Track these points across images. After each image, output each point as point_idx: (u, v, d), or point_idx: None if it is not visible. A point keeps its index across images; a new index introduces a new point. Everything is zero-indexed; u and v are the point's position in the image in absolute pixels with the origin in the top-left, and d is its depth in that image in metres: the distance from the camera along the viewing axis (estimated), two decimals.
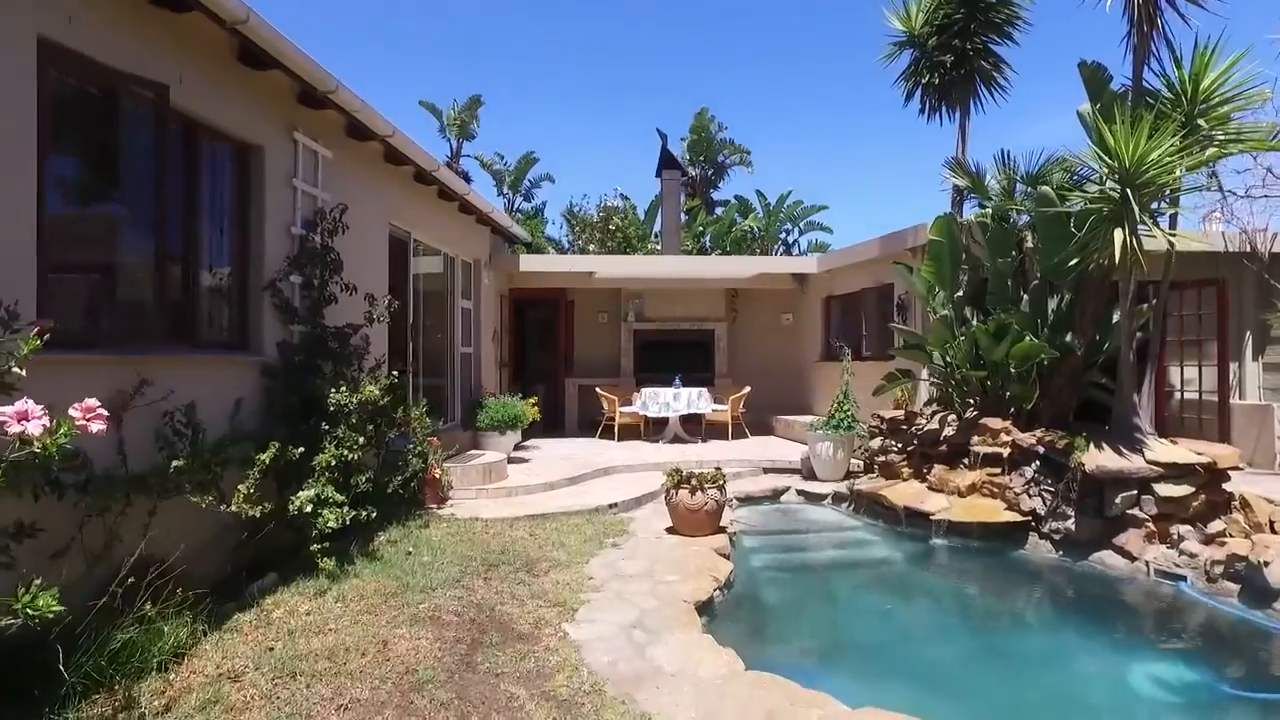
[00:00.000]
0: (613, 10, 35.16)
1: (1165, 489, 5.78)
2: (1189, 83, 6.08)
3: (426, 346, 8.88)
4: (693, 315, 13.86)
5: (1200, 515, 5.77)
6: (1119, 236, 5.62)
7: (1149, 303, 7.08)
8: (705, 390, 11.50)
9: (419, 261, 8.71)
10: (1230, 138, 6.03)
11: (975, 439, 7.26)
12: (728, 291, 13.92)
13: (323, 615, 4.06)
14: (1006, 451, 6.93)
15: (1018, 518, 6.48)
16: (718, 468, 6.57)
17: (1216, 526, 5.63)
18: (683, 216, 17.68)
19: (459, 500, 7.10)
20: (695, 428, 11.70)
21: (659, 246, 17.97)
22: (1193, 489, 5.77)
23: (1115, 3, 6.50)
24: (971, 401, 8.00)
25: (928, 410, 8.41)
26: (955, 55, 9.00)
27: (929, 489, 7.42)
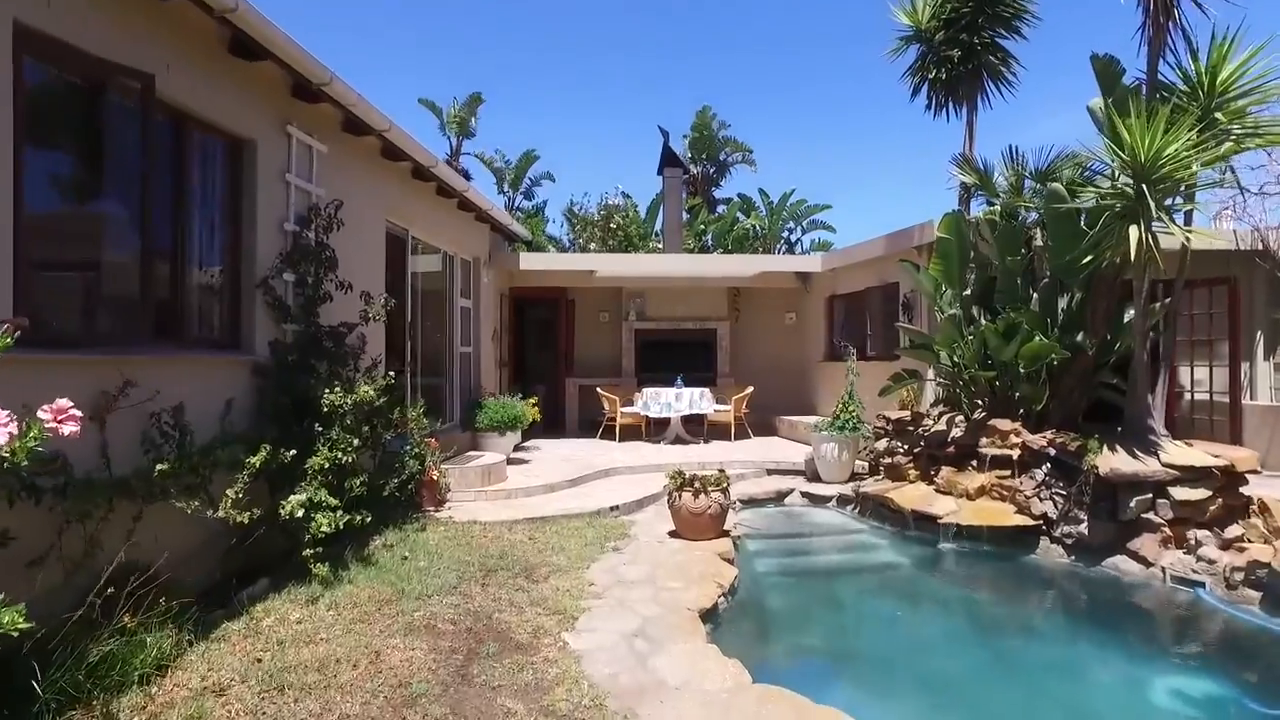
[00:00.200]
0: (613, 7, 34.99)
1: (1181, 492, 5.63)
2: (1205, 75, 5.92)
3: (425, 346, 8.74)
4: (695, 314, 13.70)
5: (1217, 519, 5.61)
6: (1134, 233, 5.47)
7: (1161, 301, 6.92)
8: (707, 390, 11.35)
9: (417, 260, 8.57)
10: (1248, 132, 5.87)
11: (984, 440, 7.12)
12: (730, 290, 13.79)
13: (314, 624, 3.93)
14: (1016, 454, 6.79)
15: (1029, 521, 6.33)
16: (721, 470, 6.43)
17: (1234, 531, 5.47)
18: (684, 215, 17.52)
19: (457, 503, 6.97)
20: (697, 428, 11.55)
21: (660, 245, 17.84)
22: (1210, 493, 5.62)
23: None
24: (980, 402, 7.85)
25: (934, 411, 8.27)
26: (963, 50, 8.87)
27: (936, 491, 7.28)
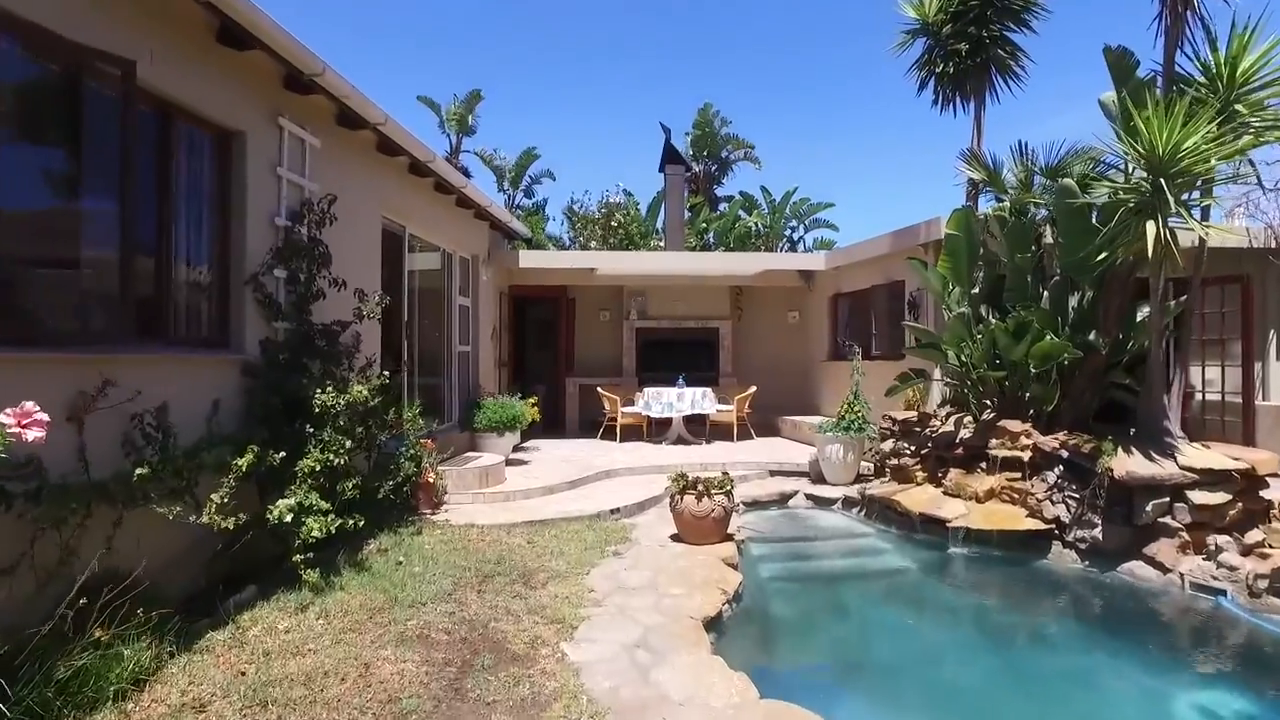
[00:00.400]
0: (613, 4, 34.81)
1: (1200, 496, 5.46)
2: (1225, 66, 5.74)
3: (422, 345, 8.59)
4: (696, 313, 13.54)
5: (1237, 524, 5.44)
6: (1151, 229, 5.31)
7: (1175, 299, 6.75)
8: (709, 390, 11.19)
9: (414, 257, 8.41)
10: (1268, 125, 5.69)
11: (993, 442, 6.95)
12: (732, 289, 13.64)
13: (302, 634, 3.77)
14: (1027, 455, 6.63)
15: (1041, 525, 6.16)
16: (725, 472, 6.28)
17: (1255, 536, 5.31)
18: (686, 213, 17.34)
19: (454, 505, 6.81)
20: (699, 429, 11.39)
21: (662, 243, 17.67)
22: (1229, 496, 5.45)
23: None
24: (988, 403, 7.69)
25: (942, 412, 8.10)
26: (971, 43, 8.69)
27: (945, 494, 7.11)
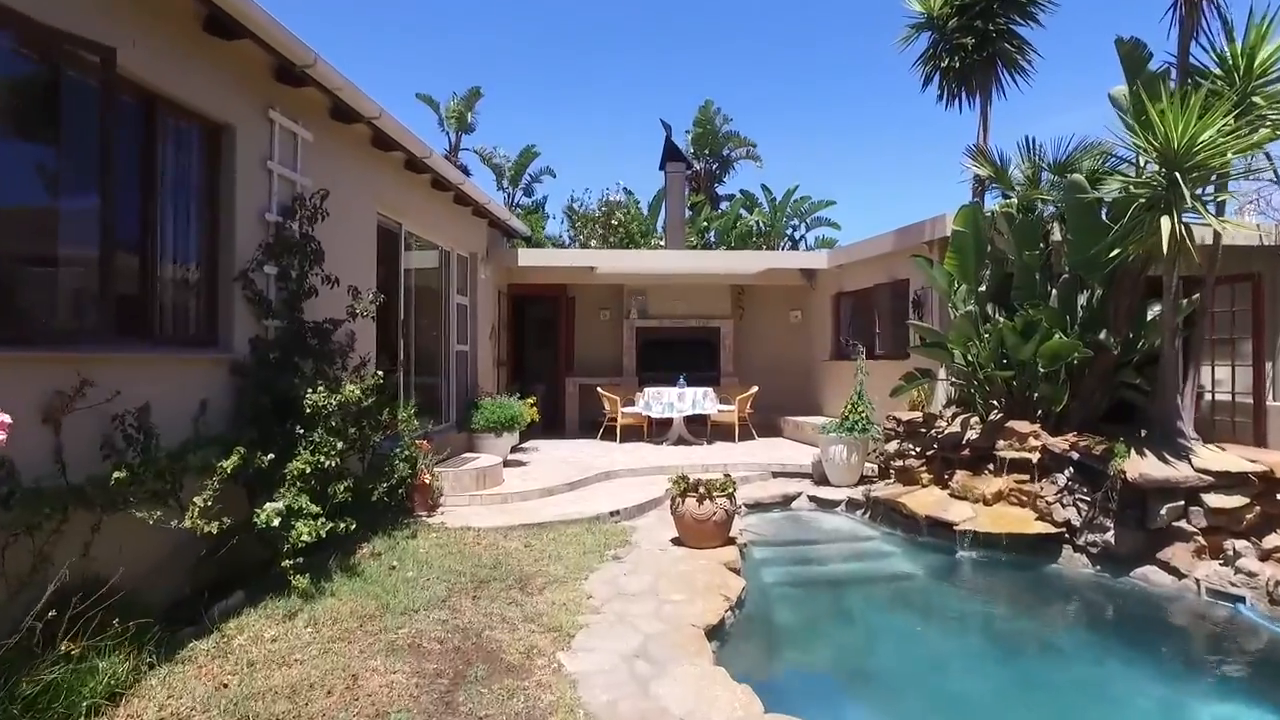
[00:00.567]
0: (614, 2, 34.62)
1: (1216, 499, 5.31)
2: (1242, 57, 5.59)
3: (419, 344, 8.45)
4: (698, 312, 13.39)
5: (1255, 528, 5.29)
6: (1166, 225, 5.16)
7: (1189, 298, 6.60)
8: (710, 390, 11.04)
9: (411, 255, 8.28)
10: None
11: (1001, 443, 6.81)
12: (734, 288, 13.49)
13: (289, 642, 3.63)
14: (1036, 457, 6.48)
15: (1050, 529, 6.01)
16: (727, 475, 6.14)
17: (1273, 541, 5.16)
18: (687, 211, 17.19)
19: (451, 507, 6.67)
20: (700, 429, 11.24)
21: (663, 242, 17.52)
22: (1247, 500, 5.30)
23: None
24: (995, 403, 7.54)
25: (947, 412, 7.95)
26: (977, 37, 8.55)
27: (951, 496, 6.97)
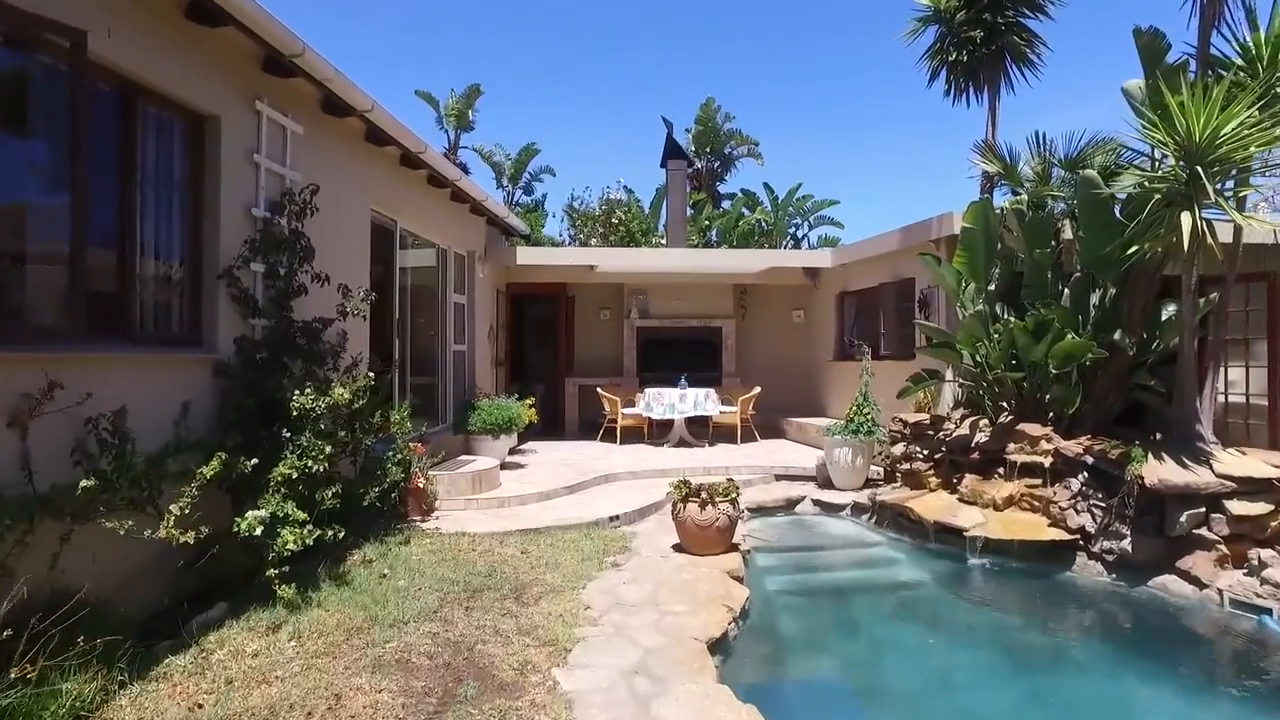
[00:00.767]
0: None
1: (1239, 506, 5.12)
2: (1266, 47, 5.39)
3: (416, 344, 8.27)
4: (699, 312, 13.20)
5: (1278, 537, 5.11)
6: (1187, 221, 4.97)
7: (1206, 297, 6.40)
8: (712, 391, 10.85)
9: (407, 253, 8.10)
10: None
11: (1012, 446, 6.62)
12: (736, 287, 13.31)
13: (271, 658, 3.46)
14: (1048, 461, 6.29)
15: (1064, 536, 5.82)
16: (730, 479, 5.95)
17: None
18: (689, 209, 17.00)
19: (446, 512, 6.50)
20: (702, 430, 11.05)
21: (664, 241, 17.33)
22: (1271, 507, 5.10)
23: None
24: (1005, 405, 7.35)
25: (955, 414, 7.76)
26: (985, 30, 8.38)
27: (960, 501, 6.78)
